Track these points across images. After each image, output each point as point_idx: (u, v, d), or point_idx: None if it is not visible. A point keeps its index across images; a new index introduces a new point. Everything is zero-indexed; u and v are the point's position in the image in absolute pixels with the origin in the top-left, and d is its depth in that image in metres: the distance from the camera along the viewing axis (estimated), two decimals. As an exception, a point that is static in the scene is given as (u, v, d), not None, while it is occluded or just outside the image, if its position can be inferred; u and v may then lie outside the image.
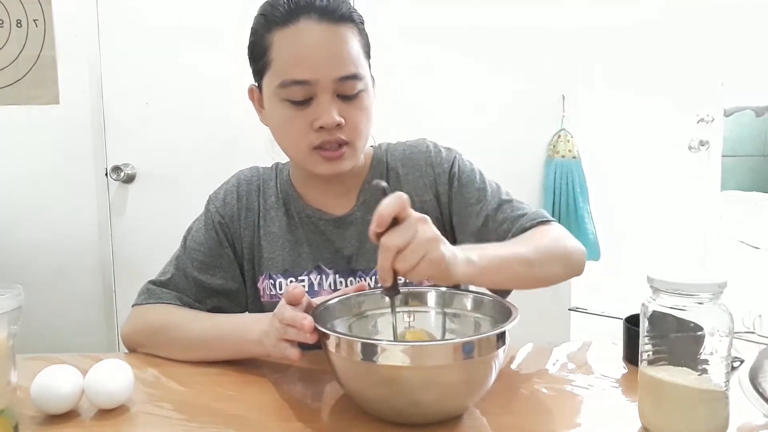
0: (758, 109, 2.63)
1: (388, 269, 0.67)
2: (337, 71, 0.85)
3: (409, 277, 0.68)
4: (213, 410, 0.72)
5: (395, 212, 0.66)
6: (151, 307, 0.94)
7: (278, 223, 0.98)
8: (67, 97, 1.89)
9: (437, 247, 0.68)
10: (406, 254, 0.66)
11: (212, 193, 1.03)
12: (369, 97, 0.90)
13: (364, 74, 0.89)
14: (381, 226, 0.66)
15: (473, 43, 1.90)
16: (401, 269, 0.67)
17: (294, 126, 0.88)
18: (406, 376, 0.61)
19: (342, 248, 0.96)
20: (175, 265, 0.97)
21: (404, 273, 0.67)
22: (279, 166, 1.04)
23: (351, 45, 0.87)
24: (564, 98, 1.91)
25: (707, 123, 2.55)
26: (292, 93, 0.86)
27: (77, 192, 1.92)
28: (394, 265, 0.67)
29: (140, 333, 0.93)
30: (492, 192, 0.96)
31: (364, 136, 0.91)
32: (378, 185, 0.69)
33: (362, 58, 0.89)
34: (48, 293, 1.93)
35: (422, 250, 0.67)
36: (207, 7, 1.86)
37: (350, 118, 0.87)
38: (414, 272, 0.67)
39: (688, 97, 2.53)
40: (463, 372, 0.63)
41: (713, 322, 0.59)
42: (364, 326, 0.79)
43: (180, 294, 0.95)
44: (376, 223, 0.66)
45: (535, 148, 1.94)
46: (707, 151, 2.57)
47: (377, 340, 0.66)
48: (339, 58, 0.85)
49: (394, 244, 0.66)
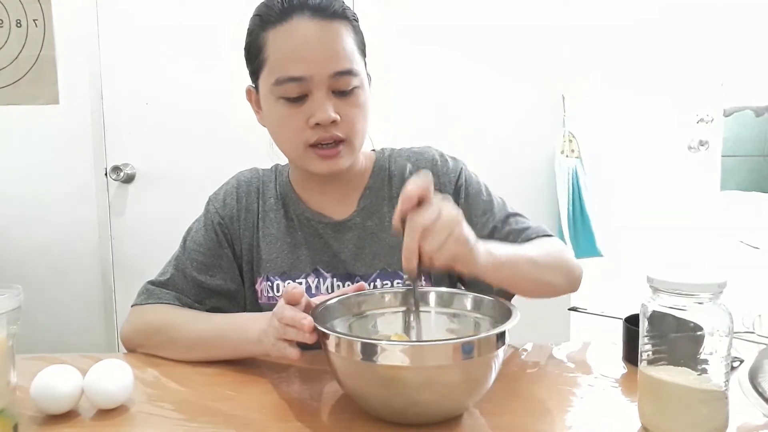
0: (758, 109, 2.63)
1: (414, 249, 0.67)
2: (332, 67, 0.85)
3: (435, 256, 0.68)
4: (213, 410, 0.72)
5: (422, 192, 0.68)
6: (150, 307, 0.94)
7: (277, 225, 0.98)
8: (66, 97, 1.89)
9: (462, 226, 0.70)
10: (432, 232, 0.67)
11: (212, 195, 1.03)
12: (365, 93, 0.90)
13: (359, 71, 0.89)
14: (408, 204, 0.68)
15: (473, 42, 1.89)
16: (428, 248, 0.67)
17: (289, 124, 0.88)
18: (406, 376, 0.61)
19: (340, 252, 0.96)
20: (174, 266, 0.97)
21: (431, 252, 0.67)
22: (279, 168, 1.04)
23: (345, 41, 0.87)
24: (564, 98, 1.91)
25: (707, 123, 2.55)
26: (287, 90, 0.86)
27: (77, 192, 1.92)
28: (421, 244, 0.67)
29: (139, 333, 0.93)
30: (498, 205, 0.98)
31: (360, 134, 0.91)
32: (405, 167, 0.73)
33: (357, 55, 0.89)
34: (48, 293, 1.93)
35: (448, 228, 0.68)
36: (207, 7, 1.85)
37: (346, 115, 0.87)
38: (440, 251, 0.68)
39: (687, 97, 2.53)
40: (462, 372, 0.63)
41: (713, 322, 0.59)
42: (363, 326, 0.79)
43: (179, 294, 0.95)
44: (403, 203, 0.68)
45: (535, 149, 1.94)
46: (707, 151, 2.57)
47: (377, 340, 0.66)
48: (333, 53, 0.86)
49: (421, 222, 0.67)
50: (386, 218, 0.97)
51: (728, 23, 2.43)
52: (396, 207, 0.70)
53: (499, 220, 0.95)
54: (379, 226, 0.97)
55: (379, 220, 0.97)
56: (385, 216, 0.97)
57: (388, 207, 0.98)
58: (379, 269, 0.95)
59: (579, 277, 0.93)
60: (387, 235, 0.96)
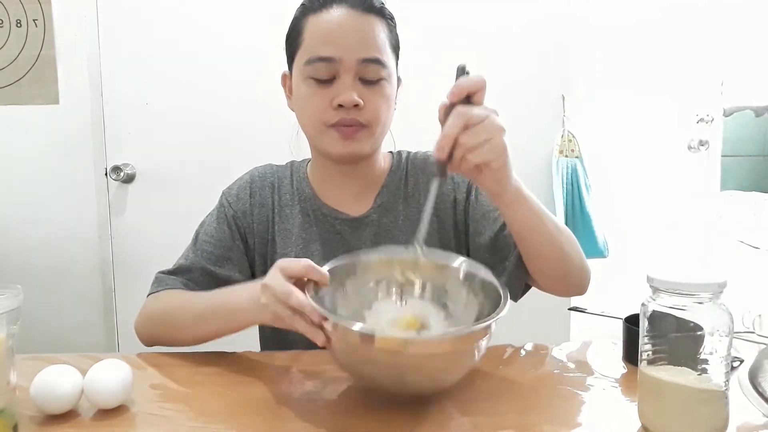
0: (758, 109, 2.63)
1: (451, 137, 0.67)
2: (361, 52, 0.88)
3: (469, 155, 0.67)
4: (213, 410, 0.72)
5: (473, 89, 0.68)
6: (158, 294, 0.96)
7: (293, 221, 1.00)
8: (66, 97, 1.89)
9: (503, 137, 0.69)
10: (474, 130, 0.66)
11: (226, 188, 1.05)
12: (391, 87, 0.93)
13: (388, 64, 0.91)
14: (457, 97, 0.67)
15: (473, 42, 1.89)
16: (466, 143, 0.67)
17: (314, 102, 0.90)
18: (400, 361, 0.63)
19: (356, 248, 0.96)
20: (184, 257, 1.00)
21: (466, 147, 0.67)
22: (294, 165, 1.06)
23: (377, 33, 0.90)
24: (564, 98, 1.91)
25: (707, 123, 2.55)
26: (317, 70, 0.89)
27: (77, 192, 1.92)
28: (460, 137, 0.67)
29: (148, 320, 0.94)
30: None
31: (381, 123, 0.93)
32: (460, 66, 0.70)
33: (388, 49, 0.92)
34: (47, 293, 1.93)
35: (490, 132, 0.67)
36: (207, 7, 1.85)
37: (370, 101, 0.90)
38: (477, 150, 0.67)
39: (687, 97, 2.53)
40: (453, 357, 0.66)
41: (713, 321, 0.59)
42: (359, 287, 0.80)
43: (187, 281, 0.97)
44: (452, 93, 0.67)
45: (535, 149, 1.94)
46: (707, 151, 2.57)
47: (373, 329, 0.66)
48: (364, 40, 0.89)
49: (468, 115, 0.66)
50: (401, 216, 0.99)
51: (728, 23, 2.44)
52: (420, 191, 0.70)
53: None
54: (394, 224, 0.98)
55: (395, 218, 0.99)
56: (399, 214, 0.99)
57: (404, 205, 0.99)
58: None
59: (588, 276, 0.93)
60: (401, 234, 0.97)
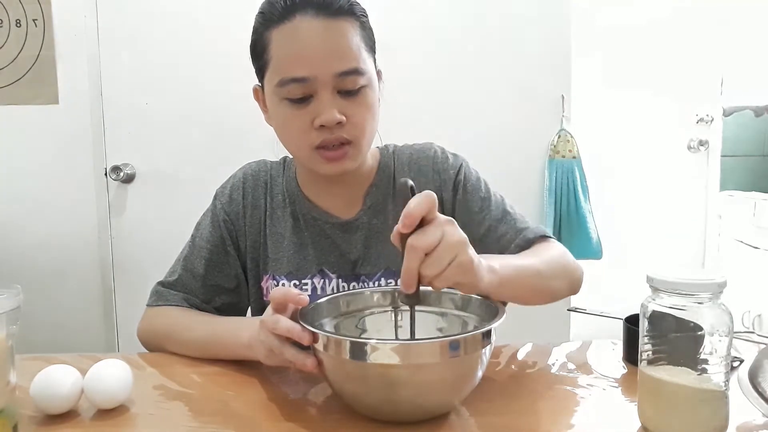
0: (757, 109, 2.63)
1: (414, 272, 0.62)
2: (336, 66, 0.82)
3: (435, 282, 0.63)
4: (213, 410, 0.72)
5: (425, 212, 0.62)
6: (159, 310, 0.95)
7: (284, 224, 0.98)
8: (66, 97, 1.89)
9: (466, 250, 0.64)
10: (434, 257, 0.62)
11: (219, 188, 1.02)
12: (373, 93, 0.87)
13: (366, 69, 0.86)
14: (409, 227, 0.62)
15: (473, 42, 1.89)
16: (429, 273, 0.62)
17: (294, 125, 0.86)
18: (394, 374, 0.60)
19: (347, 252, 0.96)
20: (183, 265, 0.98)
21: (431, 277, 0.63)
22: (287, 161, 1.03)
23: (350, 39, 0.84)
24: (564, 98, 1.91)
25: (707, 123, 2.55)
26: (291, 91, 0.84)
27: (77, 192, 1.92)
28: (421, 269, 0.62)
29: (151, 335, 0.94)
30: (496, 202, 0.97)
31: (368, 134, 0.89)
32: (405, 183, 0.65)
33: (364, 53, 0.86)
34: (47, 293, 1.93)
35: (451, 253, 0.63)
36: (207, 7, 1.85)
37: (352, 116, 0.85)
38: (441, 277, 0.63)
39: (687, 96, 2.53)
40: (450, 370, 0.62)
41: (713, 321, 0.59)
42: (351, 325, 0.79)
43: (187, 295, 0.96)
44: (404, 224, 0.62)
45: (535, 149, 1.94)
46: (706, 151, 2.57)
47: (366, 339, 0.65)
48: (337, 52, 0.82)
49: (423, 245, 0.61)
50: (390, 216, 0.97)
51: (728, 23, 2.44)
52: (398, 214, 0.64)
53: (496, 218, 0.95)
54: (384, 224, 0.96)
55: (384, 218, 0.97)
56: (389, 213, 0.97)
57: (393, 204, 0.97)
58: (383, 268, 0.95)
59: (580, 279, 0.92)
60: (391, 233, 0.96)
